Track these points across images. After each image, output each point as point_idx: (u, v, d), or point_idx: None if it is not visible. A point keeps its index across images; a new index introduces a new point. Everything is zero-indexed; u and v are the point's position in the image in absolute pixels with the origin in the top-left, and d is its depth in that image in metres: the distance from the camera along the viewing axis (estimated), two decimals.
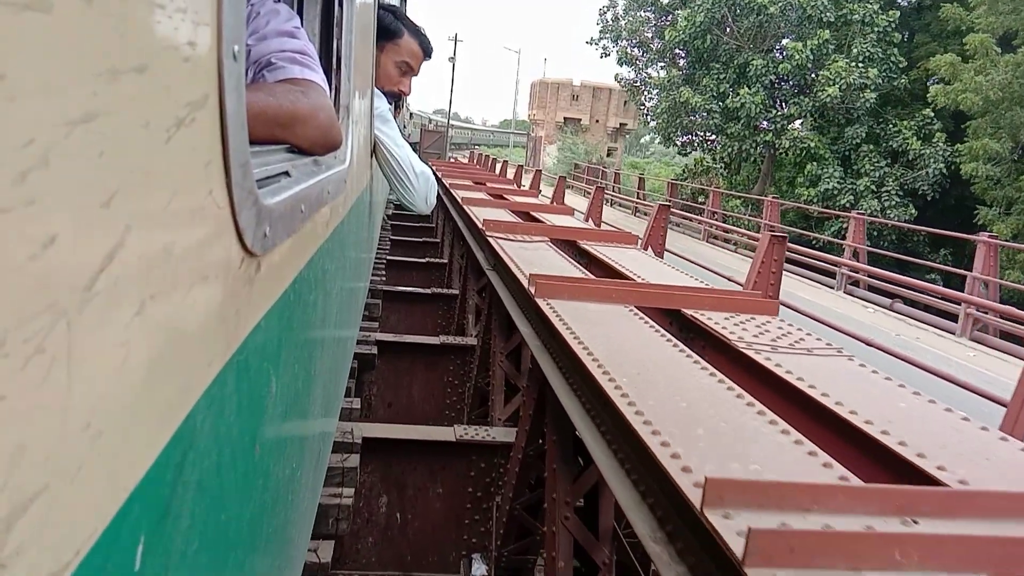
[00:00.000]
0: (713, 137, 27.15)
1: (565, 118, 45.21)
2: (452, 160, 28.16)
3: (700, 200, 24.50)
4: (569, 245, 4.76)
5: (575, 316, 2.46)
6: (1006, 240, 16.42)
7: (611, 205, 24.18)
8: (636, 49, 30.01)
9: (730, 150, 25.46)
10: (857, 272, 12.92)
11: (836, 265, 13.23)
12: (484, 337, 5.29)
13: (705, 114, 25.52)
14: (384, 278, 7.80)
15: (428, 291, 8.01)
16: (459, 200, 6.85)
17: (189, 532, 0.60)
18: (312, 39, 1.89)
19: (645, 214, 23.21)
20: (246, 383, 0.79)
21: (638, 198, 24.69)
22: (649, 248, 9.35)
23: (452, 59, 38.37)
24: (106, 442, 0.42)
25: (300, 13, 2.13)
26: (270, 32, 1.51)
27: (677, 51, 27.57)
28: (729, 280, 9.29)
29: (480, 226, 4.81)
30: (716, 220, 19.63)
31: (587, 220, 10.74)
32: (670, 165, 64.34)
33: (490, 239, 4.37)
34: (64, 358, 0.37)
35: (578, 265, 3.87)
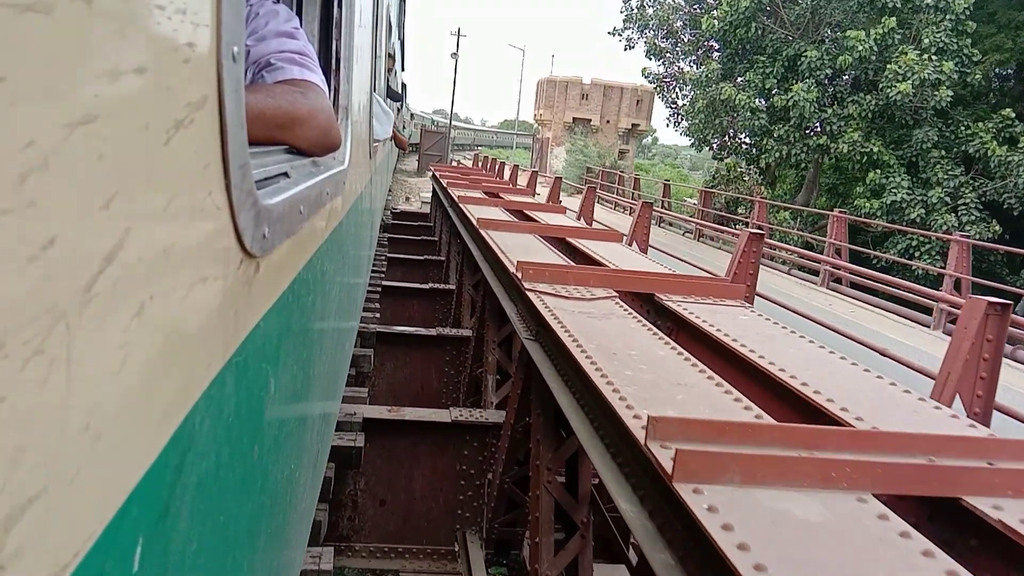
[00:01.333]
0: (748, 140, 23.80)
1: (574, 118, 42.27)
2: (455, 164, 25.69)
3: (739, 211, 21.77)
4: (644, 299, 3.45)
5: (756, 526, 1.27)
6: None
7: (629, 214, 21.49)
8: (665, 41, 26.77)
9: (777, 155, 21.78)
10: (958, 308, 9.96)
11: (933, 299, 10.19)
12: (516, 421, 3.78)
13: (749, 113, 21.85)
14: (377, 314, 6.28)
15: (433, 332, 6.44)
16: (474, 221, 5.46)
17: (188, 533, 0.60)
18: (311, 40, 1.89)
19: (670, 224, 20.49)
20: (245, 384, 0.79)
21: (662, 207, 21.67)
22: None
23: (455, 55, 35.06)
24: (105, 443, 0.42)
25: (299, 14, 2.13)
26: (269, 33, 1.50)
27: (713, 43, 24.48)
28: (883, 355, 6.15)
29: (514, 271, 3.44)
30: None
31: (631, 243, 8.79)
32: (676, 167, 63.58)
33: (533, 297, 3.01)
34: (63, 360, 0.37)
35: (693, 359, 2.28)
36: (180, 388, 0.56)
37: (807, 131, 21.40)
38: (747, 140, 24.01)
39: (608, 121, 42.45)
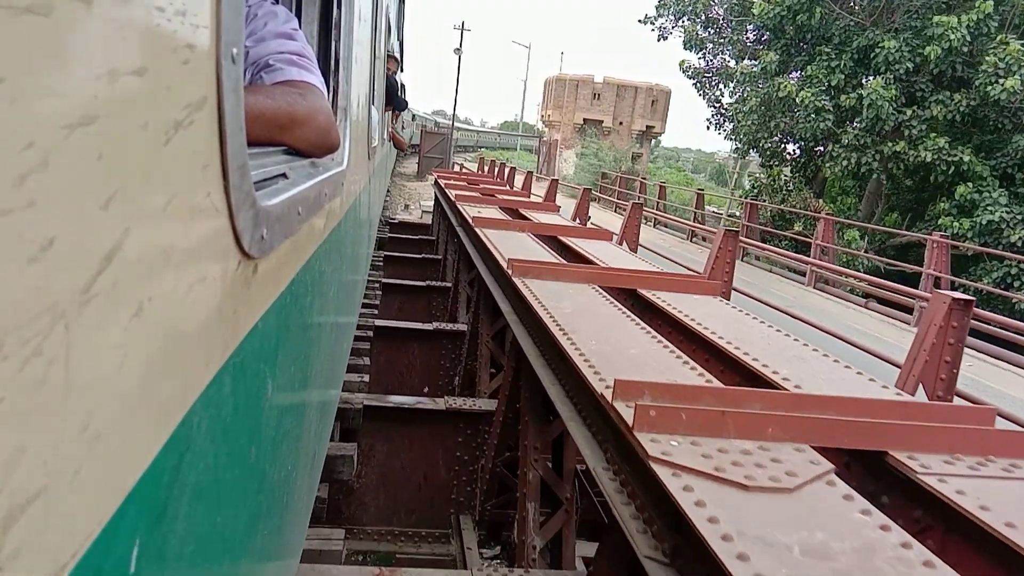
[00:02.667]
0: (799, 147, 20.87)
1: (585, 119, 39.32)
2: (460, 168, 23.13)
3: (792, 227, 19.39)
4: (852, 454, 1.95)
5: None
6: None
7: (654, 225, 19.37)
8: (707, 30, 23.48)
9: (845, 162, 18.36)
10: None
11: None
12: None
13: (813, 114, 18.31)
14: (366, 376, 4.57)
15: (441, 405, 4.70)
16: (504, 264, 3.84)
17: (185, 534, 0.60)
18: (310, 41, 1.89)
19: (704, 239, 17.31)
20: (243, 385, 0.79)
21: (695, 220, 19.19)
22: (920, 385, 4.74)
23: (458, 50, 30.85)
24: (104, 444, 0.42)
25: (298, 15, 2.13)
26: (268, 34, 1.50)
27: (764, 32, 21.03)
28: None
29: (608, 397, 1.88)
30: (822, 258, 13.81)
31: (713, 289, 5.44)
32: (682, 171, 62.03)
33: (677, 492, 1.47)
34: (62, 360, 0.37)
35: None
36: (178, 388, 0.56)
37: (880, 136, 18.25)
38: (798, 147, 21.05)
39: (621, 123, 39.40)
